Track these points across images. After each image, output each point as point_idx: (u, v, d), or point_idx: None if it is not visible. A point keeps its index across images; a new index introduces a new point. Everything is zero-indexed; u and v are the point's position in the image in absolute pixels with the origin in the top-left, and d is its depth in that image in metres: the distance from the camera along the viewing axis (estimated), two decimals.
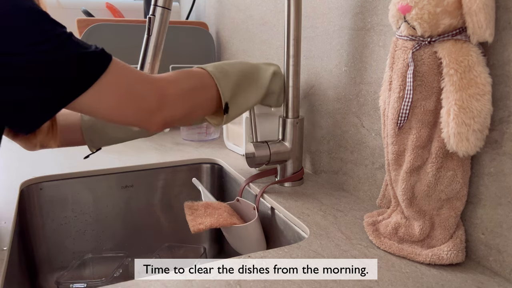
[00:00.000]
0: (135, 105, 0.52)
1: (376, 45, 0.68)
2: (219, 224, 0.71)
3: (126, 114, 0.52)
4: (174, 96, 0.57)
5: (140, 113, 0.53)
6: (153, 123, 0.55)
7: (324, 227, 0.64)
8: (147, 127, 0.55)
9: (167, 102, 0.55)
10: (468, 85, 0.48)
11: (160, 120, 0.55)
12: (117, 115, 0.52)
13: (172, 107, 0.56)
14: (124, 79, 0.51)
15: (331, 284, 0.49)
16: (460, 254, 0.53)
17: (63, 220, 0.90)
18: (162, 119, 0.55)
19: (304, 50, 0.88)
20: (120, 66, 0.50)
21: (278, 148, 0.79)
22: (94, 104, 0.49)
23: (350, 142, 0.77)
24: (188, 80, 0.61)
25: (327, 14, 0.80)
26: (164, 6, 0.70)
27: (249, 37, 1.15)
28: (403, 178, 0.56)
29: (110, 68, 0.49)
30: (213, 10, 1.41)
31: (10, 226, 0.65)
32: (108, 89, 0.49)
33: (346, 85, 0.76)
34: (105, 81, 0.48)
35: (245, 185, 0.82)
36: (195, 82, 0.62)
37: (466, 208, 0.55)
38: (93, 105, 0.49)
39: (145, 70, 0.73)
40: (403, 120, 0.54)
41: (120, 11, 1.44)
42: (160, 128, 0.56)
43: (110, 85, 0.49)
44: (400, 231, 0.57)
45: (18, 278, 0.69)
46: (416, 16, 0.49)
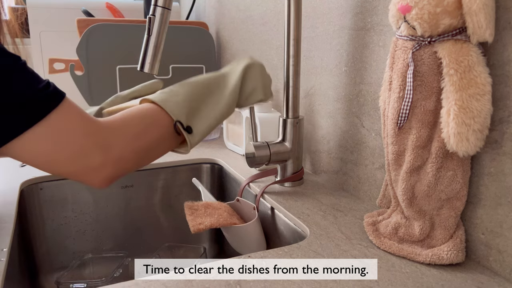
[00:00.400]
0: (73, 161, 0.45)
1: (376, 45, 0.68)
2: (219, 224, 0.71)
3: (62, 170, 0.46)
4: (121, 147, 0.49)
5: (81, 169, 0.46)
6: (97, 180, 0.47)
7: (324, 227, 0.64)
8: (91, 184, 0.48)
9: (113, 156, 0.48)
10: (468, 85, 0.48)
11: (105, 176, 0.48)
12: (51, 168, 0.45)
13: (120, 160, 0.49)
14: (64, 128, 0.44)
15: (331, 284, 0.49)
16: (460, 254, 0.53)
17: (63, 220, 0.90)
18: (108, 176, 0.48)
19: (304, 50, 0.88)
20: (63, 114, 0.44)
21: (278, 148, 0.79)
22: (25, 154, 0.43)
23: (350, 142, 0.77)
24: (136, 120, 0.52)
25: (327, 14, 0.80)
26: (164, 6, 0.70)
27: (249, 37, 1.15)
28: (403, 178, 0.56)
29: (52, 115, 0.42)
30: (213, 10, 1.41)
31: (10, 226, 0.65)
32: (43, 139, 0.42)
33: (346, 85, 0.76)
34: (41, 130, 0.42)
35: (245, 185, 0.82)
36: (145, 120, 0.53)
37: (466, 208, 0.55)
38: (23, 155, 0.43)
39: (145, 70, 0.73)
40: (403, 120, 0.54)
41: (120, 11, 1.44)
42: (107, 184, 0.49)
43: (47, 135, 0.42)
44: (400, 231, 0.57)
45: (18, 278, 0.69)
46: (416, 16, 0.49)
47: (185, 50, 1.29)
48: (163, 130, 0.54)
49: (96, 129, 0.47)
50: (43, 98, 0.42)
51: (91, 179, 0.47)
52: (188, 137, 0.55)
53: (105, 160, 0.47)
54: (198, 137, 0.57)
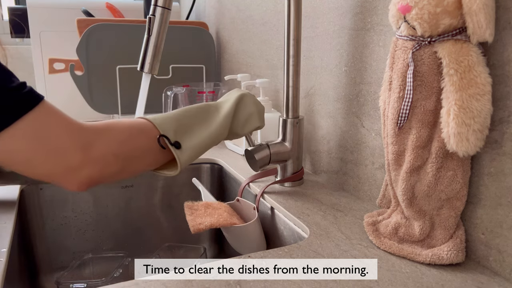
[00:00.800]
0: (51, 160, 0.43)
1: (376, 45, 0.68)
2: (219, 224, 0.71)
3: (39, 170, 0.44)
4: (102, 150, 0.47)
5: (58, 170, 0.44)
6: (74, 182, 0.45)
7: (324, 227, 0.64)
8: (67, 186, 0.46)
9: (93, 158, 0.46)
10: (468, 85, 0.48)
11: (83, 179, 0.45)
12: (28, 169, 0.44)
13: (99, 163, 0.46)
14: (42, 127, 0.42)
15: (331, 284, 0.49)
16: (460, 254, 0.53)
17: (63, 220, 0.90)
18: (86, 178, 0.46)
19: (304, 50, 0.88)
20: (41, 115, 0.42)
21: (278, 148, 0.79)
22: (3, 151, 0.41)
23: (350, 142, 0.77)
24: (122, 127, 0.50)
25: (327, 14, 0.80)
26: (164, 6, 0.70)
27: (249, 37, 1.15)
28: (403, 178, 0.56)
29: (29, 115, 0.41)
30: (213, 10, 1.41)
31: (10, 226, 0.65)
32: (18, 137, 0.41)
33: (346, 85, 0.76)
34: (16, 128, 0.41)
35: (245, 185, 0.82)
36: (131, 129, 0.51)
37: (466, 208, 0.55)
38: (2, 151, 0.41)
39: (145, 70, 0.73)
40: (403, 120, 0.54)
41: (120, 11, 1.44)
42: (84, 188, 0.46)
43: (22, 133, 0.41)
44: (400, 231, 0.57)
45: (18, 278, 0.69)
46: (416, 16, 0.49)
47: (185, 50, 1.30)
48: (149, 142, 0.52)
49: (77, 129, 0.46)
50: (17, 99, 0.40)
51: (69, 180, 0.45)
52: (176, 152, 0.53)
53: (84, 159, 0.45)
54: (189, 152, 0.54)
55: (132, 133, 0.51)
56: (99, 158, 0.46)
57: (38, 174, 0.44)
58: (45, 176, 0.45)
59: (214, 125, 0.60)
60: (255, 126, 0.69)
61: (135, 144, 0.51)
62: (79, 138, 0.45)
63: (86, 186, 0.47)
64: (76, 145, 0.45)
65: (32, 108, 0.42)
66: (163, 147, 0.53)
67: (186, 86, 1.14)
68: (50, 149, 0.43)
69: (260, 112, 0.70)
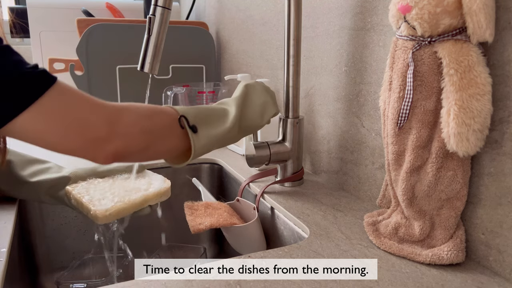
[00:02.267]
0: (79, 134, 0.45)
1: (376, 45, 0.68)
2: (219, 224, 0.71)
3: (68, 144, 0.45)
4: (128, 124, 0.49)
5: (85, 144, 0.46)
6: (101, 155, 0.47)
7: (324, 227, 0.64)
8: (94, 159, 0.47)
9: (120, 131, 0.48)
10: (468, 85, 0.48)
11: (110, 152, 0.47)
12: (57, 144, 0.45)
13: (125, 137, 0.48)
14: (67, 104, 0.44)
15: (331, 284, 0.49)
16: (460, 254, 0.53)
17: (63, 220, 0.90)
18: (113, 151, 0.47)
19: (304, 50, 0.88)
20: (64, 90, 0.44)
21: (278, 148, 0.79)
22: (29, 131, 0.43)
23: (350, 142, 0.77)
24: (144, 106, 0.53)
25: (327, 14, 0.80)
26: (164, 6, 0.70)
27: (249, 37, 1.15)
28: (403, 178, 0.56)
29: (51, 91, 0.43)
30: (213, 10, 1.41)
31: (10, 226, 0.65)
32: (46, 114, 0.42)
33: (346, 85, 0.76)
34: (43, 105, 0.42)
35: (245, 185, 0.82)
36: (153, 108, 0.54)
37: (466, 208, 0.55)
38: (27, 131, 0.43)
39: (145, 70, 0.73)
40: (403, 120, 0.54)
41: (120, 11, 1.44)
42: (110, 161, 0.48)
43: (50, 109, 0.43)
44: (400, 231, 0.57)
45: (18, 278, 0.69)
46: (416, 16, 0.49)
47: (185, 50, 1.30)
48: (171, 121, 0.55)
49: (101, 104, 0.47)
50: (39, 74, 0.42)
51: (96, 153, 0.47)
52: (192, 137, 0.55)
53: (110, 132, 0.47)
54: (204, 141, 0.57)
55: (155, 111, 0.53)
56: (124, 132, 0.48)
57: (65, 150, 0.46)
58: (72, 151, 0.46)
59: (229, 123, 0.63)
60: (272, 113, 0.71)
61: (158, 121, 0.53)
62: (104, 112, 0.47)
63: (112, 160, 0.48)
64: (102, 119, 0.46)
65: (51, 85, 0.43)
66: (182, 127, 0.55)
67: (186, 86, 1.14)
68: (76, 124, 0.45)
69: (273, 98, 0.73)
